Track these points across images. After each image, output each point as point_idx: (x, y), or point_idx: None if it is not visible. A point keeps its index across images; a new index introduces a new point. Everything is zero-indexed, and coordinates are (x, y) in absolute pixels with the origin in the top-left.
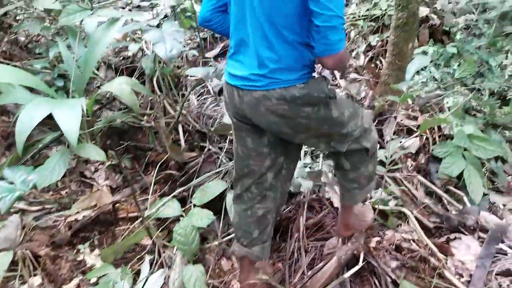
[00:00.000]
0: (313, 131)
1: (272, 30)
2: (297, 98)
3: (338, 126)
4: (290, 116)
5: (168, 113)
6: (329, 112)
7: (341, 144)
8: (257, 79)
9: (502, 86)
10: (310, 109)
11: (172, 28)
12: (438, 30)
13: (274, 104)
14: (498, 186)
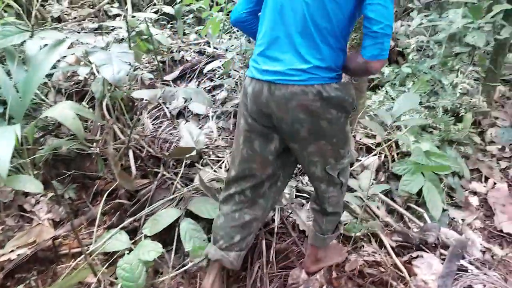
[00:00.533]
0: (325, 141)
1: (317, 34)
2: (331, 97)
3: (343, 143)
4: (318, 115)
5: (119, 138)
6: (345, 124)
7: (333, 169)
8: (296, 74)
9: (454, 103)
10: (335, 112)
11: (120, 50)
12: (393, 51)
13: (310, 99)
14: (456, 202)
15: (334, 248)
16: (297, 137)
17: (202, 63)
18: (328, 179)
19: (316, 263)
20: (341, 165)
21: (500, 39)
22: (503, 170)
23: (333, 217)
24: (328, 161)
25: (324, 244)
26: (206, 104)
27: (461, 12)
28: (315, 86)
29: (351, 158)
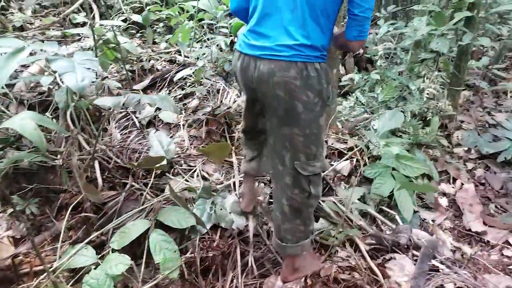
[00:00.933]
0: (298, 129)
1: (309, 11)
2: (311, 77)
3: (316, 139)
4: (295, 95)
5: (84, 149)
6: (321, 114)
7: (303, 169)
8: (282, 50)
9: (422, 108)
10: (312, 96)
11: (84, 57)
12: (362, 58)
13: (291, 76)
14: (427, 203)
15: (311, 257)
16: (275, 113)
17: (173, 72)
18: (295, 177)
19: (293, 273)
20: (312, 167)
21: (462, 45)
22: (469, 171)
23: (292, 225)
24: (299, 155)
25: (284, 253)
26: (173, 111)
27: (425, 20)
28: (298, 64)
29: (323, 164)
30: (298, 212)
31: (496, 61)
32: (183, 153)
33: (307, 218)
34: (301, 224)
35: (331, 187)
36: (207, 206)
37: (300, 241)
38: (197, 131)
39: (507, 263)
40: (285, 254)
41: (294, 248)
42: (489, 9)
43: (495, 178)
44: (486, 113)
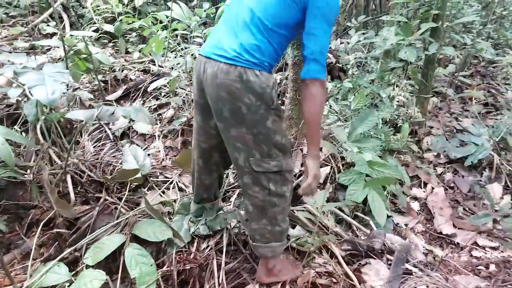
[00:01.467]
0: (245, 129)
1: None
2: (250, 81)
3: (265, 138)
4: (237, 97)
5: (56, 163)
6: (266, 117)
7: (257, 165)
8: (225, 53)
9: (393, 115)
10: (254, 99)
11: (54, 70)
12: (335, 67)
13: (231, 79)
14: (399, 207)
15: (289, 263)
16: (221, 116)
17: (147, 82)
18: (253, 175)
19: (268, 275)
20: (267, 165)
21: (429, 55)
22: (439, 176)
23: (259, 225)
24: (252, 152)
25: (256, 252)
26: (148, 122)
27: (393, 30)
28: (237, 68)
29: (280, 164)
30: (262, 211)
31: (462, 69)
32: (159, 165)
33: (273, 218)
34: (268, 224)
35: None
36: (185, 222)
37: (270, 242)
38: (173, 142)
39: (476, 263)
40: (257, 253)
41: (264, 249)
42: (453, 19)
43: (463, 181)
44: (454, 119)
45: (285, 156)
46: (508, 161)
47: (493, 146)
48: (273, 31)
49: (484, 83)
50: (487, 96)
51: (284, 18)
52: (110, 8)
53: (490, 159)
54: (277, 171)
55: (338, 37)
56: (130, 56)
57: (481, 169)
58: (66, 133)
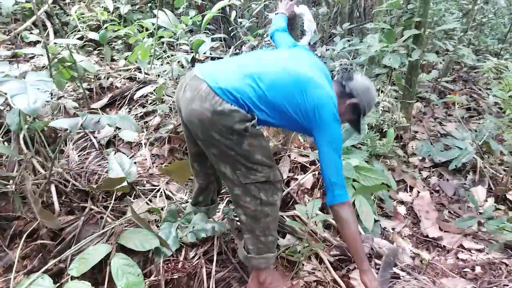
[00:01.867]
0: (223, 147)
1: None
2: (224, 114)
3: (245, 158)
4: (207, 126)
5: (39, 173)
6: (240, 141)
7: (245, 177)
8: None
9: (378, 120)
10: (224, 129)
11: (37, 78)
12: None
13: (204, 108)
14: (386, 212)
15: (279, 275)
16: (197, 136)
17: (133, 89)
18: (243, 186)
19: (260, 287)
20: (254, 176)
21: (412, 61)
22: (424, 180)
23: (250, 235)
24: (237, 166)
25: (249, 264)
26: (134, 130)
27: (377, 37)
28: (215, 97)
29: (267, 174)
30: (255, 221)
31: (445, 74)
32: (145, 173)
33: (266, 228)
34: (261, 235)
35: (295, 201)
36: (173, 229)
37: (263, 253)
38: (160, 150)
39: (462, 266)
40: (250, 265)
41: (257, 260)
42: (435, 26)
43: (448, 185)
44: (438, 123)
45: (270, 168)
46: (491, 164)
47: (476, 150)
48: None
49: (466, 88)
50: (470, 101)
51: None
52: (95, 16)
53: (473, 162)
54: (265, 181)
55: (324, 44)
56: (115, 64)
57: (465, 172)
58: (50, 142)
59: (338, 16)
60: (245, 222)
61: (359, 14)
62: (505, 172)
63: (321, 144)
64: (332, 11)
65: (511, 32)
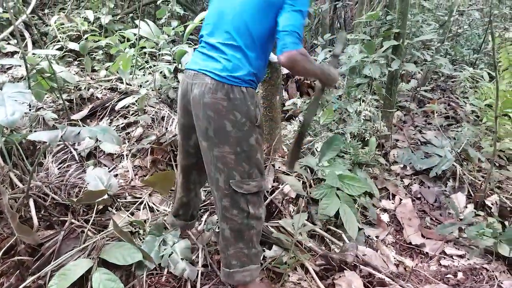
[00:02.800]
0: (229, 148)
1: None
2: (237, 99)
3: (247, 157)
4: (223, 115)
5: (17, 187)
6: (250, 134)
7: (239, 187)
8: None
9: (360, 129)
10: (240, 116)
11: (15, 90)
12: (303, 84)
13: (218, 97)
14: (370, 220)
15: (264, 286)
16: (206, 135)
17: (115, 100)
18: (233, 197)
19: None
20: (247, 186)
21: (392, 71)
22: (406, 187)
23: (236, 249)
24: (233, 174)
25: (233, 281)
26: (116, 143)
27: (358, 48)
28: (224, 86)
29: (259, 184)
30: (239, 235)
31: (423, 84)
32: (127, 185)
33: (249, 241)
34: (245, 248)
35: (280, 210)
36: (157, 243)
37: (246, 265)
38: (142, 161)
39: (444, 272)
40: (234, 282)
41: (241, 273)
42: (413, 37)
43: (429, 192)
44: (418, 131)
45: (262, 177)
46: (470, 171)
47: (455, 157)
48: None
49: (444, 97)
50: (448, 109)
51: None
52: (75, 26)
53: (453, 169)
54: (256, 192)
55: None
56: (96, 74)
57: (445, 179)
58: (28, 155)
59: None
60: (228, 236)
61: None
62: (483, 178)
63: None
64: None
65: (485, 43)
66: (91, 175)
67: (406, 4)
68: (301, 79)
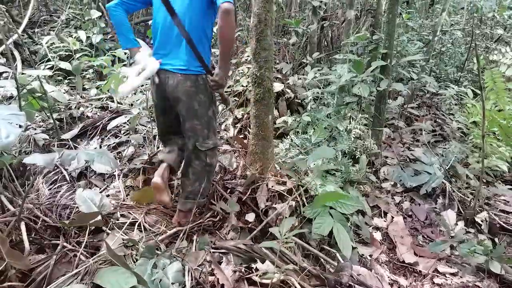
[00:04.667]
0: (197, 121)
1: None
2: (201, 85)
3: (207, 125)
4: (192, 96)
5: (7, 210)
6: (208, 108)
7: (201, 146)
8: (179, 68)
9: (351, 147)
10: (203, 96)
11: (9, 112)
12: (294, 102)
13: (188, 85)
14: (363, 238)
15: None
16: (181, 113)
17: (106, 119)
18: (196, 153)
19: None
20: (207, 144)
21: (380, 90)
22: (397, 204)
23: (194, 187)
24: (198, 138)
25: (185, 208)
26: (112, 166)
27: (346, 67)
28: (191, 76)
29: (214, 142)
30: (198, 178)
31: (410, 101)
32: (119, 206)
33: (203, 182)
34: (199, 185)
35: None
36: (149, 266)
37: (197, 199)
38: (134, 181)
39: None
40: (185, 209)
41: (192, 204)
42: (399, 56)
43: (420, 209)
44: (406, 149)
45: (216, 136)
46: (459, 188)
47: (444, 174)
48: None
49: (431, 114)
50: (434, 126)
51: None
52: (66, 46)
53: (442, 186)
54: (212, 148)
55: (295, 72)
56: (87, 93)
57: (435, 196)
58: (18, 175)
59: (307, 45)
60: (191, 179)
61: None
62: (472, 195)
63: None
64: (301, 41)
65: (468, 60)
66: (82, 197)
67: (392, 26)
68: (291, 97)
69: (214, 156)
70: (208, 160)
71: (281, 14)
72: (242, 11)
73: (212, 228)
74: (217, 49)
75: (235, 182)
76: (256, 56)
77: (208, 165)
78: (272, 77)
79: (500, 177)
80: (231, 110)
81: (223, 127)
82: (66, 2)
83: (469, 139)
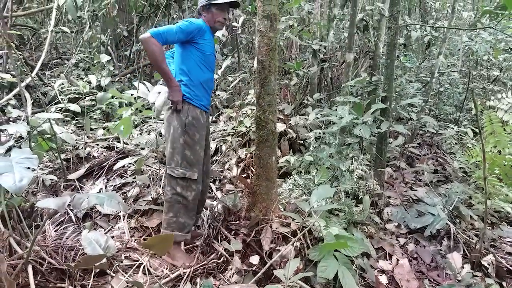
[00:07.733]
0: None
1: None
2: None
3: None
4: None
5: (15, 252)
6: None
7: (171, 171)
8: None
9: (353, 187)
10: (176, 123)
11: (22, 156)
12: (296, 142)
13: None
14: (369, 282)
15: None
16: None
17: (112, 159)
18: (168, 178)
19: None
20: (176, 171)
21: (381, 132)
22: (402, 246)
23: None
24: (170, 163)
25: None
26: (122, 210)
27: (347, 109)
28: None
29: (186, 172)
30: (170, 207)
31: (410, 140)
32: (124, 248)
33: (177, 212)
34: (173, 217)
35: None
36: None
37: (174, 230)
38: (138, 222)
39: None
40: None
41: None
42: (398, 97)
43: (425, 252)
44: (409, 188)
45: (191, 168)
46: (464, 230)
47: (448, 216)
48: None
49: (432, 153)
50: (436, 165)
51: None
52: (76, 88)
53: (447, 228)
54: (183, 178)
55: (296, 112)
56: (93, 133)
57: (440, 238)
58: (25, 216)
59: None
60: (164, 208)
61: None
62: (477, 237)
63: None
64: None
65: (467, 100)
66: (88, 239)
67: (391, 70)
68: (294, 137)
69: (187, 188)
70: (179, 190)
71: (282, 56)
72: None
73: (216, 271)
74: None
75: (239, 223)
76: (260, 100)
77: (180, 195)
78: (275, 120)
79: (505, 218)
80: (234, 150)
81: (226, 166)
82: (75, 45)
83: (471, 180)
